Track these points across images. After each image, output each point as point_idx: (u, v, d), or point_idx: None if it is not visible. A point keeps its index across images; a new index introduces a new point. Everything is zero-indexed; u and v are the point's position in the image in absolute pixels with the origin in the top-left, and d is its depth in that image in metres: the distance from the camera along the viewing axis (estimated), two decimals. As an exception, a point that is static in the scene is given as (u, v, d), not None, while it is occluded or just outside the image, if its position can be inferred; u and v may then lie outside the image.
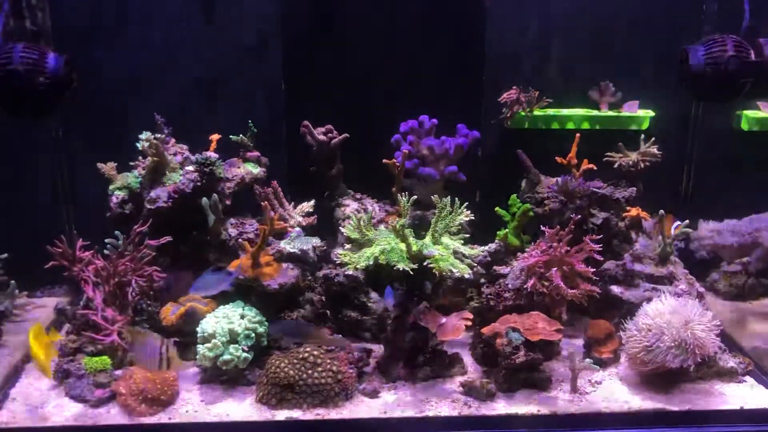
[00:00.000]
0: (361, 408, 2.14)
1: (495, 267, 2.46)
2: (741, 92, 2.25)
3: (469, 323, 2.26)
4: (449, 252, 2.22)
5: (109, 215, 2.44)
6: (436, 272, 2.15)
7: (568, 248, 2.31)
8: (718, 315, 2.66)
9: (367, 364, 2.30)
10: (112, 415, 2.09)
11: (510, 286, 2.37)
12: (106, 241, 2.39)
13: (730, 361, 2.30)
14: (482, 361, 2.34)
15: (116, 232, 2.34)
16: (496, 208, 2.53)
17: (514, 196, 2.54)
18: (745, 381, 2.30)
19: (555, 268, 2.28)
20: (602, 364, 2.36)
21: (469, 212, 2.25)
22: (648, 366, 2.20)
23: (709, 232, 2.79)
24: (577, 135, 2.62)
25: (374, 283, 2.46)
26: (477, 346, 2.37)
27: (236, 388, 2.23)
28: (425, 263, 2.17)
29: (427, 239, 2.20)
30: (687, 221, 2.44)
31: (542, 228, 2.34)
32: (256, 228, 2.36)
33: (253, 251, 2.19)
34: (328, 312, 2.40)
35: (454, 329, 2.21)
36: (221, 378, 2.23)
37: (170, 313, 2.32)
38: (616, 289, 2.45)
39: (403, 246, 2.20)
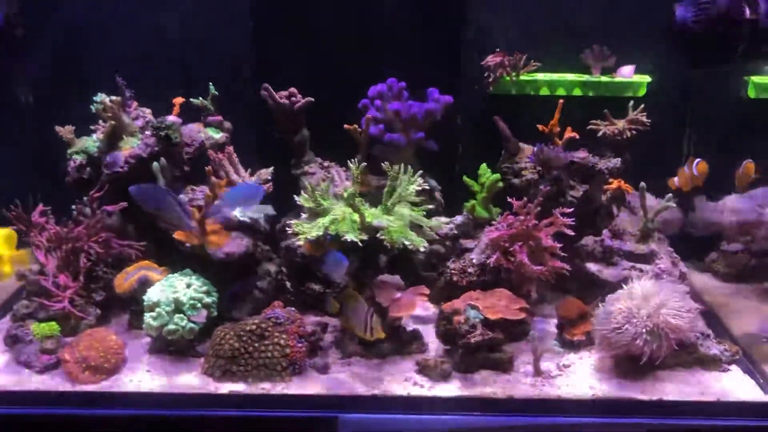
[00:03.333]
0: (309, 384, 2.06)
1: (461, 240, 2.32)
2: (734, 55, 2.03)
3: (425, 299, 2.14)
4: (404, 223, 2.09)
5: (68, 180, 2.39)
6: (388, 245, 2.03)
7: (536, 222, 2.15)
8: (712, 297, 2.51)
9: (321, 338, 2.20)
10: (55, 382, 2.06)
11: (475, 261, 2.23)
12: (73, 207, 2.36)
13: (713, 348, 2.11)
14: (444, 340, 2.22)
15: (85, 198, 2.31)
16: (464, 177, 2.38)
17: (483, 165, 2.38)
18: (730, 370, 2.11)
19: (520, 243, 2.13)
20: (574, 346, 2.21)
21: (421, 181, 2.11)
22: (616, 349, 2.04)
23: (708, 209, 2.57)
24: (561, 101, 2.43)
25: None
26: (440, 323, 2.24)
27: (185, 359, 2.17)
28: (378, 235, 2.06)
29: (378, 209, 2.08)
30: (670, 195, 2.24)
31: (509, 200, 2.18)
32: (208, 194, 2.27)
33: (198, 218, 2.11)
34: (287, 284, 2.31)
35: (407, 305, 2.09)
36: (170, 348, 2.17)
37: (124, 280, 2.27)
38: (593, 267, 2.28)
39: (356, 216, 2.08)
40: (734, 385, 2.05)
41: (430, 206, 2.25)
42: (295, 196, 2.17)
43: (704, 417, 1.97)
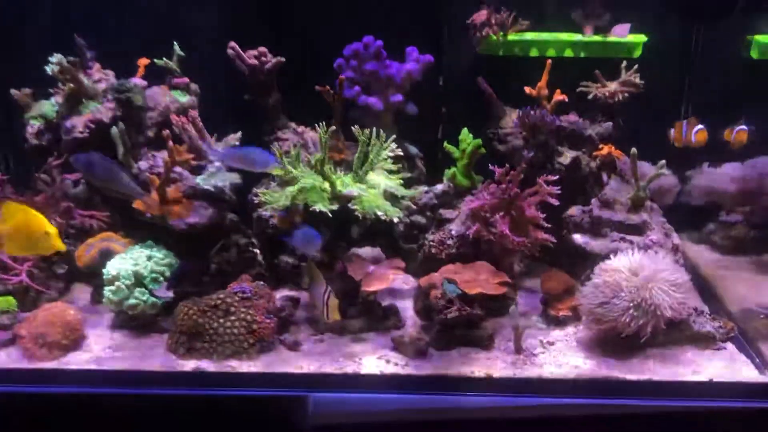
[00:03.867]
0: (277, 361, 1.95)
1: (441, 210, 2.19)
2: (732, 7, 1.87)
3: (400, 272, 2.02)
4: (378, 192, 1.96)
5: (26, 146, 2.27)
6: (359, 215, 1.91)
7: (520, 191, 2.02)
8: (708, 270, 2.37)
9: (291, 314, 2.09)
10: (10, 359, 1.96)
11: (454, 232, 2.10)
12: (36, 174, 2.25)
13: (707, 325, 1.99)
14: (422, 315, 2.10)
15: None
16: (445, 144, 2.24)
17: (465, 130, 2.24)
18: (725, 348, 1.99)
19: (501, 213, 2.00)
20: (559, 322, 2.09)
21: (395, 146, 1.97)
22: (603, 324, 1.92)
23: (706, 177, 2.43)
24: (549, 61, 2.28)
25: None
26: (418, 298, 2.12)
27: (149, 335, 2.06)
28: (350, 205, 1.93)
29: (348, 177, 1.94)
30: (663, 162, 2.09)
31: (491, 167, 2.04)
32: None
33: (158, 186, 1.99)
34: (257, 257, 2.19)
35: (381, 279, 1.97)
36: (133, 324, 2.06)
37: (85, 252, 2.16)
38: (579, 238, 2.14)
39: (327, 185, 1.95)
40: (728, 364, 1.93)
41: (409, 174, 2.12)
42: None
43: (696, 398, 1.86)
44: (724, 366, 1.91)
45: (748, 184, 2.37)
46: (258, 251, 2.17)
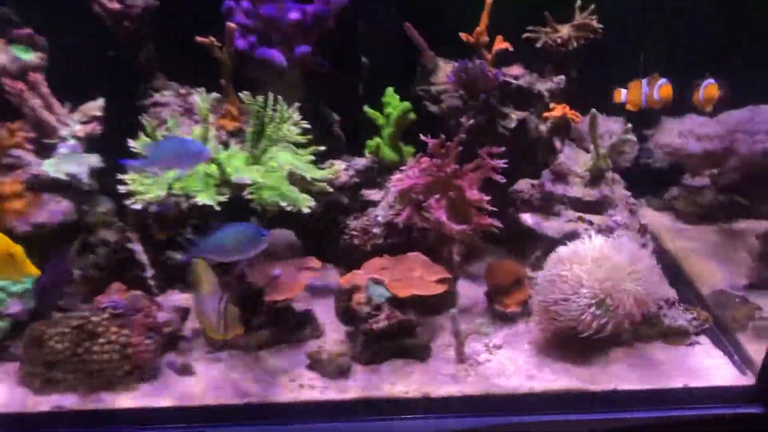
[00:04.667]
0: (163, 391, 1.56)
1: (364, 191, 1.79)
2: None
3: (314, 275, 1.62)
4: (282, 175, 1.54)
5: None
6: (258, 207, 1.49)
7: (458, 166, 1.64)
8: (674, 245, 2.07)
9: (178, 328, 1.68)
10: None
11: (380, 218, 1.71)
12: None
13: (679, 318, 1.69)
14: (345, 320, 1.72)
15: None
16: (365, 108, 1.82)
17: (389, 90, 1.82)
18: (699, 343, 1.70)
19: (437, 195, 1.62)
20: (507, 319, 1.76)
21: (297, 116, 1.55)
22: (559, 325, 1.59)
23: (668, 135, 2.10)
24: (488, 1, 1.86)
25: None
26: (339, 300, 1.74)
27: (-4, 364, 1.63)
28: (245, 194, 1.51)
29: (239, 159, 1.51)
30: (629, 126, 1.74)
31: (423, 137, 1.65)
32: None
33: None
34: (137, 256, 1.75)
35: (289, 286, 1.57)
36: (-28, 351, 1.62)
37: None
38: (529, 219, 1.79)
39: (214, 168, 1.52)
40: (703, 362, 1.65)
41: (321, 147, 1.70)
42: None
43: (669, 408, 1.57)
44: (699, 366, 1.63)
45: (716, 142, 2.06)
46: (136, 248, 1.73)
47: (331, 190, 1.66)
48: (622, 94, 1.86)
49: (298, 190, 1.57)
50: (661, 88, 1.80)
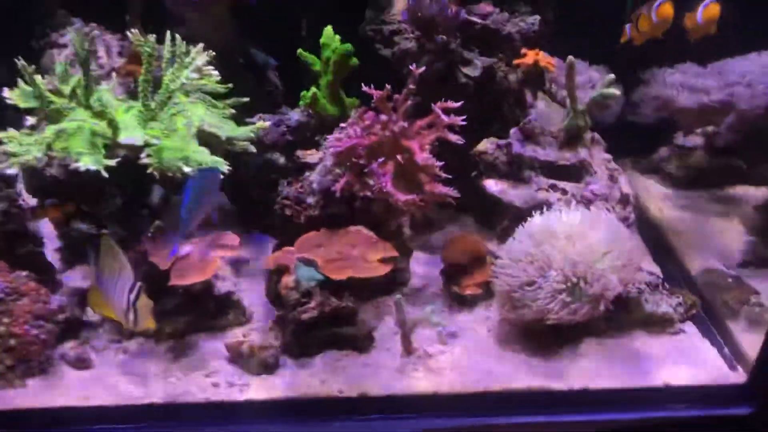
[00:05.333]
0: (53, 388, 1.33)
1: (299, 152, 1.51)
2: None
3: (231, 253, 1.37)
4: (187, 134, 1.27)
5: None
6: (156, 173, 1.22)
7: (406, 123, 1.37)
8: (661, 214, 1.83)
9: (80, 313, 1.44)
10: None
11: (316, 185, 1.44)
12: None
13: (662, 304, 1.46)
14: (276, 303, 1.47)
15: None
16: (300, 51, 1.53)
17: (328, 29, 1.52)
18: (684, 331, 1.48)
19: (381, 158, 1.35)
20: (465, 302, 1.52)
21: (204, 60, 1.27)
22: (521, 315, 1.36)
23: (658, 86, 1.83)
24: None
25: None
26: (270, 281, 1.48)
27: None
28: (142, 158, 1.23)
29: (130, 115, 1.23)
30: (612, 76, 1.47)
31: (365, 88, 1.37)
32: None
33: None
34: (30, 227, 1.48)
35: (199, 268, 1.32)
36: None
37: None
38: (493, 185, 1.53)
39: (104, 125, 1.24)
40: (689, 355, 1.42)
41: (244, 99, 1.42)
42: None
43: (647, 409, 1.35)
44: (683, 360, 1.40)
45: (713, 96, 1.79)
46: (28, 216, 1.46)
47: (254, 150, 1.38)
48: (627, 30, 1.57)
49: (216, 151, 1.30)
50: (660, 7, 1.51)
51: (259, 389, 1.33)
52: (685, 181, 1.92)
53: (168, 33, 1.26)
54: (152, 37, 1.22)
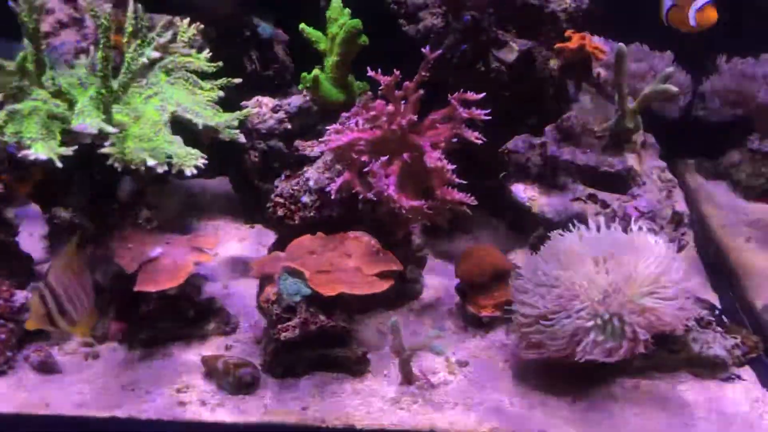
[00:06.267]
0: (12, 393, 1.23)
1: (298, 142, 1.33)
2: None
3: (208, 258, 1.20)
4: (159, 121, 1.10)
5: None
6: (118, 166, 1.05)
7: (416, 117, 1.16)
8: (725, 232, 1.55)
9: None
10: None
11: (312, 183, 1.26)
12: None
13: (715, 345, 1.21)
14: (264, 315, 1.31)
15: None
16: (302, 26, 1.33)
17: (337, 1, 1.31)
18: (740, 378, 1.24)
19: (386, 157, 1.16)
20: (482, 325, 1.32)
21: (191, 34, 1.09)
22: (541, 353, 1.15)
23: (732, 78, 1.55)
24: None
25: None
26: (262, 288, 1.32)
27: None
28: (105, 147, 1.07)
29: (86, 98, 1.06)
30: (671, 69, 1.21)
31: (370, 73, 1.16)
32: None
33: None
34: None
35: (170, 272, 1.16)
36: None
37: None
38: (521, 191, 1.31)
39: (64, 108, 1.09)
40: (739, 407, 1.19)
41: (236, 80, 1.24)
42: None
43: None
44: (731, 413, 1.17)
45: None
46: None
47: (243, 139, 1.20)
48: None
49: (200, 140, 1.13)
50: (703, 12, 1.24)
51: (233, 410, 1.18)
52: (758, 192, 1.65)
53: (131, 2, 1.09)
54: (107, 6, 1.05)
